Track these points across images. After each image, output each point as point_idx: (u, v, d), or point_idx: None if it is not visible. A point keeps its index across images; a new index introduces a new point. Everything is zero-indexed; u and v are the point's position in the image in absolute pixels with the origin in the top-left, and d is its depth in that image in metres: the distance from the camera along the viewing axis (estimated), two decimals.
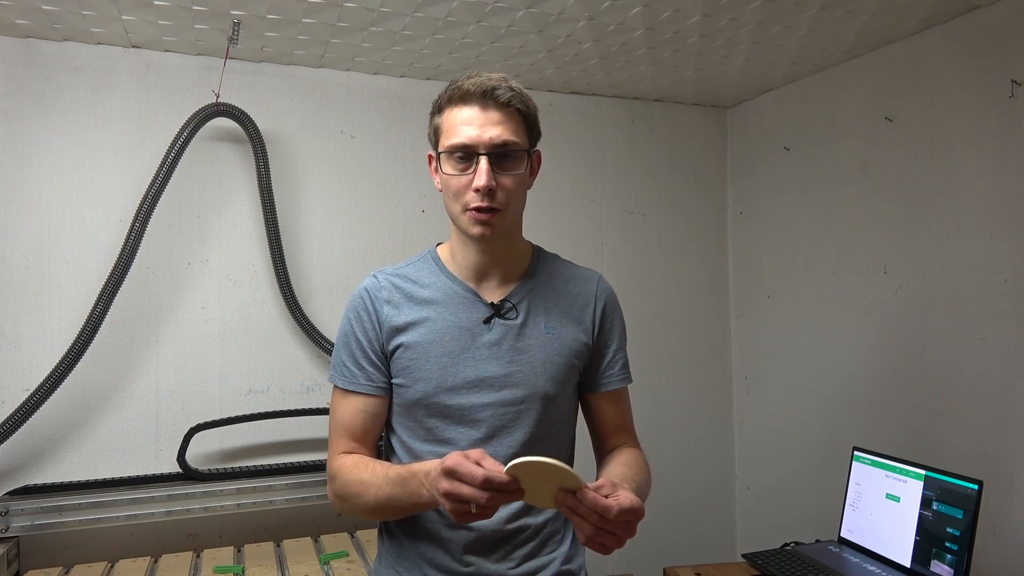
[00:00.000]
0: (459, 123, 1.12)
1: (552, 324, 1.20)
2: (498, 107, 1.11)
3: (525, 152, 1.14)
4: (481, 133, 1.10)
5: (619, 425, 1.28)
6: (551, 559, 1.19)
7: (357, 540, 2.14)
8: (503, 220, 1.13)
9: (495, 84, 1.12)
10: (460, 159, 1.12)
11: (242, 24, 2.00)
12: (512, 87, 1.13)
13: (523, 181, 1.15)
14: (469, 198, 1.11)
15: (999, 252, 1.91)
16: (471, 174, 1.10)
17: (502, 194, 1.11)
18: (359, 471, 1.12)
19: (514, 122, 1.13)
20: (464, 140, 1.10)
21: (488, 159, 1.09)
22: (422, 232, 2.50)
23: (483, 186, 1.08)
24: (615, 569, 2.69)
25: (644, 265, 2.83)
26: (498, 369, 1.16)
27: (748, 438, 2.89)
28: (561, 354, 1.20)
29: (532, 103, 1.17)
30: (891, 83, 2.21)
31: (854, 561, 1.83)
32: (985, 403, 1.94)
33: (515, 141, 1.12)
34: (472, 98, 1.12)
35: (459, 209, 1.13)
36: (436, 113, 1.17)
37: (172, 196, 2.16)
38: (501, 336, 1.17)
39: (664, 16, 1.98)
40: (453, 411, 1.16)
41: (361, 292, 1.21)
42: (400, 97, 2.49)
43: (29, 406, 1.92)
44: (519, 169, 1.13)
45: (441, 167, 1.15)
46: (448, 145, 1.12)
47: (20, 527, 1.93)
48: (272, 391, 2.31)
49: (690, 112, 2.92)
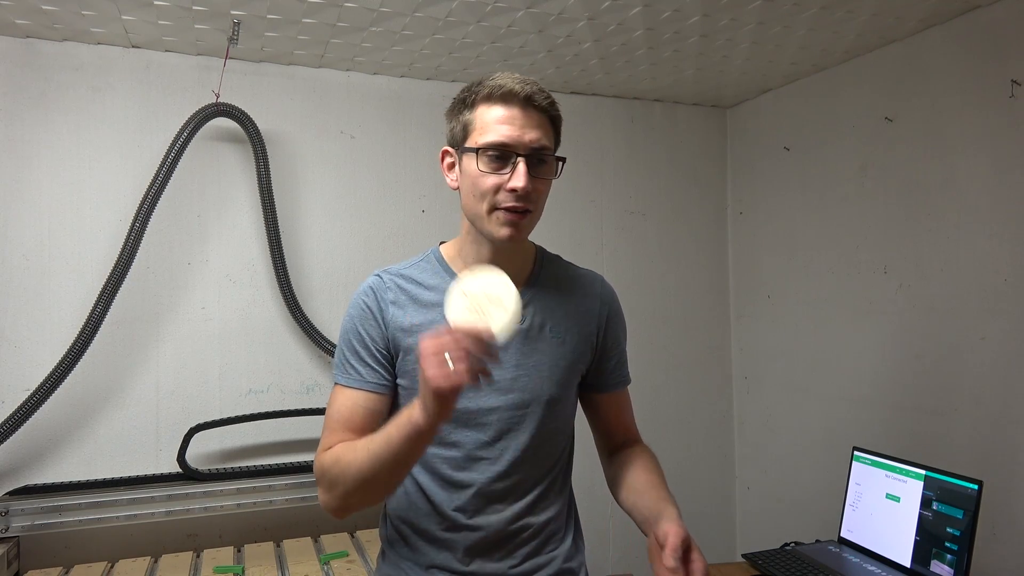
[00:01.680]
0: (497, 121, 1.09)
1: (558, 328, 1.20)
2: (538, 110, 1.11)
3: (556, 159, 1.14)
4: (521, 135, 1.08)
5: (624, 422, 1.31)
6: (552, 557, 1.20)
7: (357, 540, 2.14)
8: (531, 223, 1.13)
9: (538, 88, 1.11)
10: (495, 158, 1.09)
11: (242, 24, 2.00)
12: (547, 91, 1.13)
13: (550, 186, 1.15)
14: (501, 198, 1.09)
15: (999, 252, 1.91)
16: (506, 174, 1.08)
17: (534, 196, 1.11)
18: (348, 446, 1.08)
19: (549, 127, 1.13)
20: (503, 139, 1.08)
21: (525, 161, 1.08)
22: (422, 232, 2.50)
23: (522, 188, 1.07)
24: (615, 569, 2.70)
25: (644, 265, 2.83)
26: (504, 373, 1.16)
27: (748, 438, 2.89)
28: (566, 358, 1.20)
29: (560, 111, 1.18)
30: (891, 83, 2.21)
31: (854, 561, 1.83)
32: (985, 403, 1.94)
33: (550, 147, 1.12)
34: (514, 98, 1.09)
35: (486, 208, 1.10)
36: (466, 108, 1.13)
37: (172, 196, 2.16)
38: (507, 340, 1.17)
39: (664, 16, 1.98)
40: (460, 414, 1.15)
41: (366, 290, 1.20)
42: (400, 97, 2.49)
43: (29, 406, 1.92)
44: (551, 175, 1.13)
45: (470, 164, 1.11)
46: (484, 143, 1.09)
47: (20, 527, 1.93)
48: (272, 391, 2.31)
49: (690, 112, 2.92)
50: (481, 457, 1.15)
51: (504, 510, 1.15)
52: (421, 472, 1.18)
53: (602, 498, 2.84)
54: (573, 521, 1.28)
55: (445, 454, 1.16)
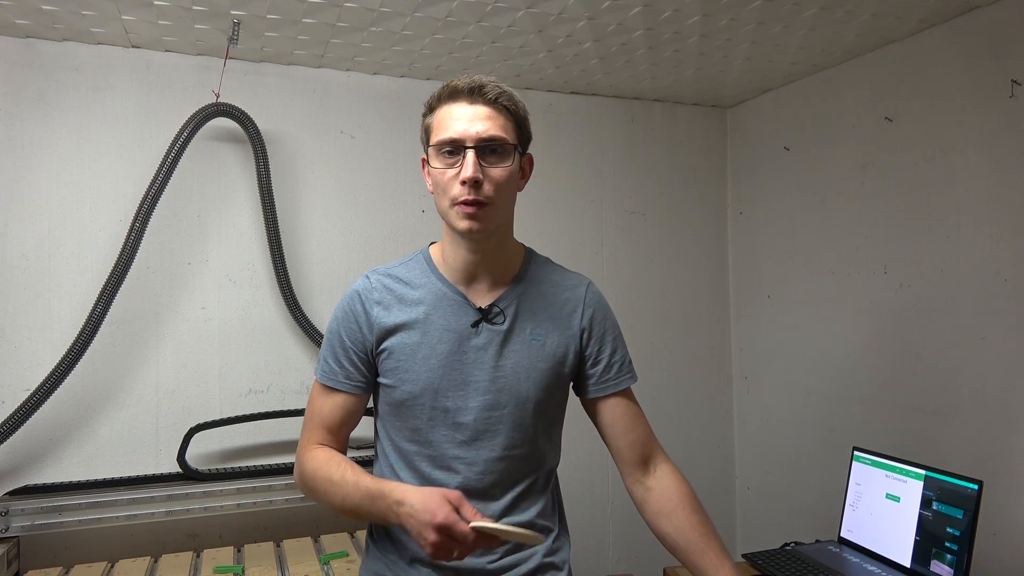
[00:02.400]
0: (448, 119, 1.13)
1: (538, 330, 1.21)
2: (486, 103, 1.13)
3: (513, 147, 1.15)
4: (468, 127, 1.11)
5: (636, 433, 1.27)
6: (533, 551, 1.21)
7: (357, 540, 2.14)
8: (491, 215, 1.14)
9: (483, 82, 1.13)
10: (448, 154, 1.13)
11: (242, 24, 2.00)
12: (501, 86, 1.15)
13: (511, 177, 1.16)
14: (456, 192, 1.12)
15: (999, 252, 1.91)
16: (458, 168, 1.11)
17: (489, 187, 1.12)
18: (330, 469, 1.15)
19: (502, 119, 1.14)
20: (452, 135, 1.12)
21: (475, 152, 1.11)
22: (422, 232, 2.50)
23: (469, 177, 1.09)
24: (615, 569, 2.70)
25: (644, 265, 2.83)
26: (483, 374, 1.17)
27: (748, 438, 2.89)
28: (545, 360, 1.21)
29: (522, 104, 1.18)
30: (891, 83, 2.21)
31: (854, 561, 1.83)
32: (985, 403, 1.94)
33: (502, 136, 1.13)
34: (460, 95, 1.14)
35: (447, 204, 1.14)
36: (428, 114, 1.19)
37: (172, 196, 2.16)
38: (487, 341, 1.18)
39: (664, 16, 1.98)
40: (438, 413, 1.17)
41: (352, 294, 1.23)
42: (400, 97, 2.49)
43: (29, 406, 1.92)
44: (506, 163, 1.14)
45: (431, 163, 1.16)
46: (437, 140, 1.14)
47: (20, 527, 1.93)
48: (272, 391, 2.31)
49: (690, 112, 2.92)
50: (459, 456, 1.17)
51: (484, 508, 1.17)
52: (403, 469, 1.20)
53: (602, 498, 2.86)
54: (557, 517, 1.29)
55: (425, 452, 1.18)
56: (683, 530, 1.19)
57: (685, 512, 1.20)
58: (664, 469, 1.27)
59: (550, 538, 1.24)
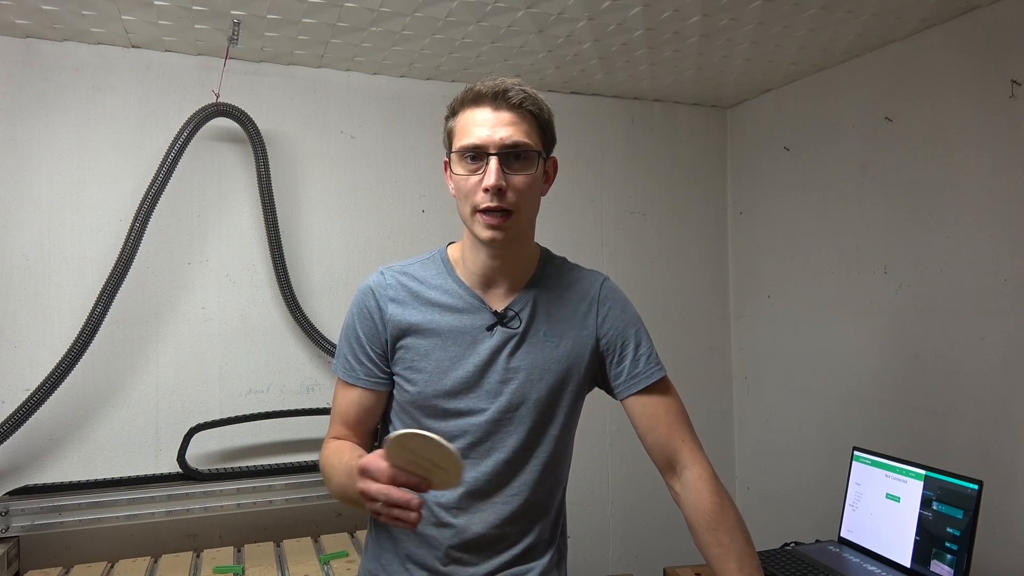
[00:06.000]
0: (471, 124, 1.11)
1: (552, 332, 1.20)
2: (510, 108, 1.11)
3: (537, 153, 1.13)
4: (492, 133, 1.09)
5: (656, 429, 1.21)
6: (529, 568, 1.20)
7: (357, 540, 2.14)
8: (514, 224, 1.12)
9: (508, 86, 1.11)
10: (471, 160, 1.11)
11: (242, 24, 2.00)
12: (526, 90, 1.12)
13: (535, 183, 1.14)
14: (479, 199, 1.10)
15: (999, 252, 1.91)
16: (481, 174, 1.09)
17: (512, 195, 1.10)
18: (334, 457, 1.16)
19: (527, 124, 1.12)
20: (475, 140, 1.10)
21: (498, 159, 1.09)
22: (422, 232, 2.50)
23: (492, 185, 1.07)
24: (615, 569, 2.70)
25: (644, 265, 2.83)
26: (496, 375, 1.16)
27: (748, 438, 2.89)
28: (559, 362, 1.19)
29: (547, 108, 1.16)
30: (891, 83, 2.21)
31: (854, 561, 1.83)
32: (985, 403, 1.94)
33: (526, 142, 1.11)
34: (484, 99, 1.11)
35: (469, 211, 1.12)
36: (450, 117, 1.17)
37: (172, 196, 2.16)
38: (501, 343, 1.17)
39: (664, 16, 1.98)
40: (450, 414, 1.16)
41: (366, 289, 1.21)
42: (400, 97, 2.49)
43: (29, 406, 1.92)
44: (530, 170, 1.12)
45: (454, 168, 1.14)
46: (459, 146, 1.12)
47: (20, 527, 1.93)
48: (272, 391, 2.31)
49: (690, 112, 2.92)
50: (468, 457, 1.16)
51: (488, 513, 1.16)
52: None
53: (602, 498, 2.86)
54: (558, 539, 1.27)
55: None
56: (701, 547, 1.15)
57: (701, 530, 1.15)
58: (689, 475, 1.19)
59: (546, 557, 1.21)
